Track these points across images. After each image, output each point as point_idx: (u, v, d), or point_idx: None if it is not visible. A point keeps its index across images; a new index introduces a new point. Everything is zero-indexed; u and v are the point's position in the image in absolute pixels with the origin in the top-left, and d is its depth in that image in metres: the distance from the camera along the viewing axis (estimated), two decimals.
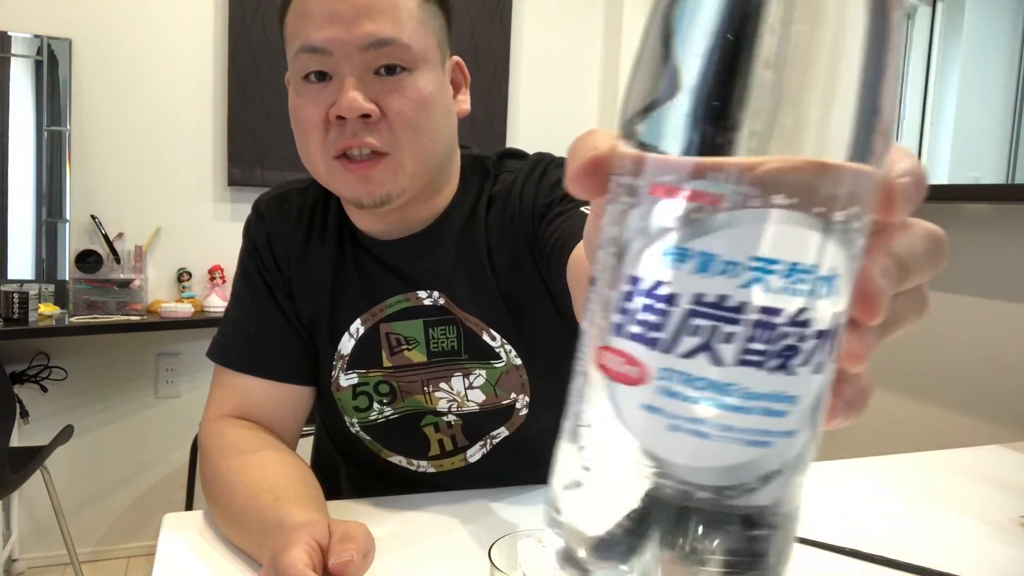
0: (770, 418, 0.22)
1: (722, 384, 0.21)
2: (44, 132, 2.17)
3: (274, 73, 2.36)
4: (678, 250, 0.21)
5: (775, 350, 0.21)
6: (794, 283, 0.21)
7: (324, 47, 0.69)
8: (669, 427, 0.21)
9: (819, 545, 0.71)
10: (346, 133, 0.70)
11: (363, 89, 0.70)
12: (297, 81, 0.73)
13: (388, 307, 0.82)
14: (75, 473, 2.29)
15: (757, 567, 0.23)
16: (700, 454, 0.22)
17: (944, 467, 1.00)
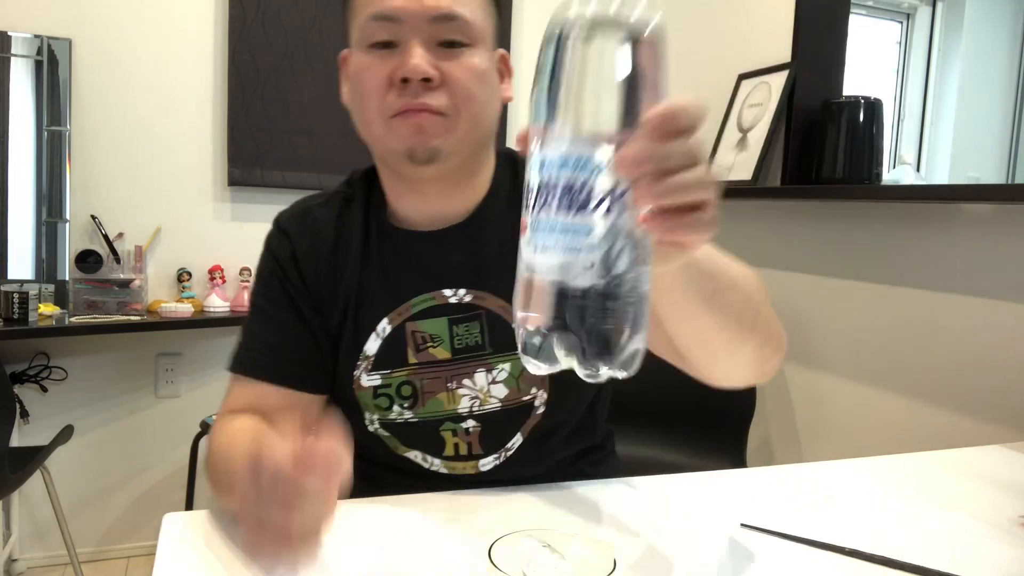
0: (579, 237, 0.41)
1: (553, 223, 0.42)
2: (44, 132, 2.17)
3: (274, 73, 2.36)
4: (536, 160, 0.43)
5: (575, 202, 0.41)
6: (583, 170, 0.41)
7: (395, 15, 0.75)
8: (538, 249, 0.43)
9: (819, 545, 0.71)
10: (407, 93, 0.75)
11: (428, 57, 0.75)
12: (362, 48, 0.78)
13: (413, 306, 0.85)
14: (75, 473, 2.29)
15: (608, 321, 0.42)
16: (552, 262, 0.42)
17: (944, 467, 1.00)
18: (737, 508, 0.81)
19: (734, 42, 2.30)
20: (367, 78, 0.77)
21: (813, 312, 1.94)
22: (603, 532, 0.73)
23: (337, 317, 0.86)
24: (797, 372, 2.00)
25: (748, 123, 2.15)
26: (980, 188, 1.56)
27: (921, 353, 1.65)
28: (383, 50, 0.76)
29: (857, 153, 1.85)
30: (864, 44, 3.18)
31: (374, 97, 0.77)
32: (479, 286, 0.84)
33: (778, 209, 2.07)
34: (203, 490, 2.43)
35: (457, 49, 0.77)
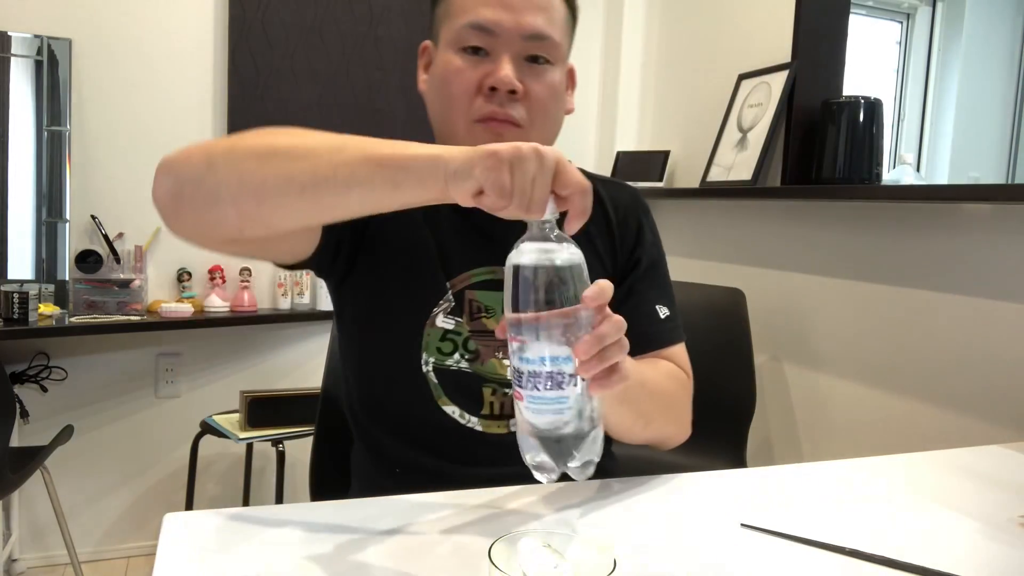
0: (559, 403, 0.61)
1: (543, 396, 0.61)
2: (44, 132, 2.17)
3: (274, 73, 2.36)
4: (521, 355, 0.61)
5: (552, 383, 0.60)
6: (556, 363, 0.60)
7: (493, 28, 0.82)
8: (533, 412, 0.62)
9: (819, 545, 0.71)
10: (493, 101, 0.83)
11: (515, 70, 0.83)
12: (454, 50, 0.85)
13: (473, 276, 0.91)
14: (75, 473, 2.29)
15: (582, 449, 0.63)
16: (544, 418, 0.62)
17: (944, 467, 1.00)
18: (737, 508, 0.81)
19: (734, 42, 2.30)
20: (457, 81, 0.84)
21: (813, 312, 1.94)
22: (603, 532, 0.73)
23: (424, 247, 0.90)
24: (797, 372, 2.00)
25: (748, 123, 2.15)
26: (980, 188, 1.56)
27: (921, 353, 1.65)
28: (474, 56, 0.84)
29: (857, 153, 1.85)
30: (864, 44, 3.19)
31: (462, 99, 0.84)
32: None
33: (778, 209, 2.07)
34: (203, 490, 2.43)
35: (540, 65, 0.85)
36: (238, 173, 0.67)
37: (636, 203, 1.01)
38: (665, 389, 0.90)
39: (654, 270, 0.99)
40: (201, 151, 0.69)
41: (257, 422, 2.09)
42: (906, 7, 3.23)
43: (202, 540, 0.68)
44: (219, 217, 0.69)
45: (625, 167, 2.61)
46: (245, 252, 0.84)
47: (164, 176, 0.70)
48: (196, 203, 0.70)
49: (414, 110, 2.52)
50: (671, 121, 2.62)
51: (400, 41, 2.50)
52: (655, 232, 1.02)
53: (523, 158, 0.60)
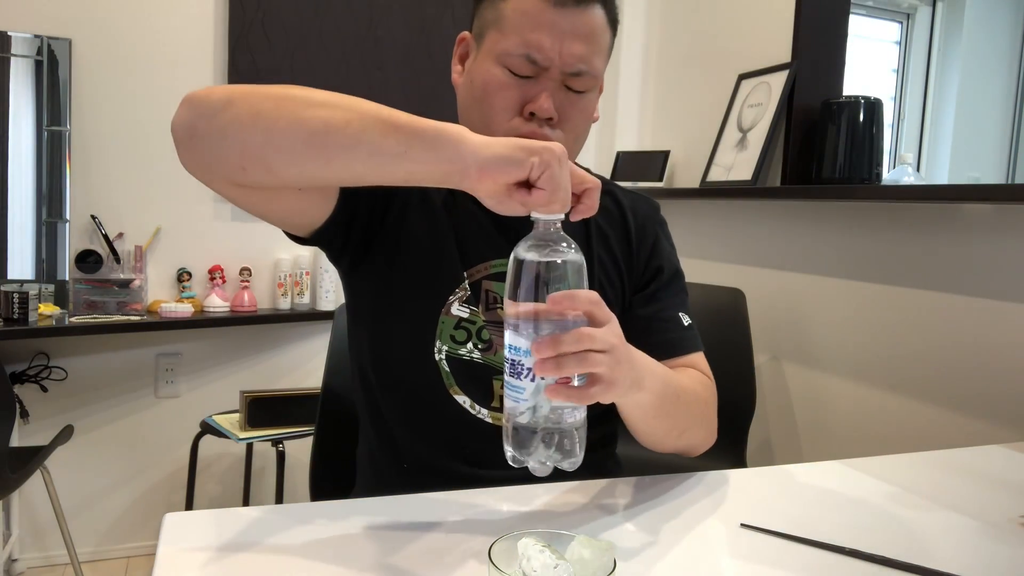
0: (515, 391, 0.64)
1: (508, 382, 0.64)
2: (44, 132, 2.17)
3: (274, 73, 2.36)
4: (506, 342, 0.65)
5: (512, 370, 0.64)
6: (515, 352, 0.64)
7: (543, 63, 0.85)
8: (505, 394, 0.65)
9: (819, 545, 0.71)
10: (532, 124, 0.86)
11: (555, 97, 0.86)
12: (498, 64, 0.87)
13: (492, 267, 0.93)
14: (75, 473, 2.29)
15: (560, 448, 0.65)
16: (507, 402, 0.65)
17: (944, 467, 1.00)
18: (737, 508, 0.81)
19: (734, 42, 2.30)
20: (499, 96, 0.87)
21: (813, 312, 1.94)
22: (603, 532, 0.73)
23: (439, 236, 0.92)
24: (797, 372, 2.00)
25: (748, 123, 2.15)
26: (980, 188, 1.56)
27: (921, 353, 1.65)
28: (519, 77, 0.86)
29: (857, 153, 1.85)
30: (864, 44, 3.19)
31: (502, 115, 0.87)
32: None
33: (778, 209, 2.07)
34: (203, 490, 2.43)
35: (578, 94, 0.88)
36: (252, 110, 0.69)
37: (654, 215, 1.05)
38: (699, 398, 0.92)
39: (676, 280, 1.02)
40: (223, 89, 0.71)
41: (257, 422, 2.09)
42: (906, 7, 3.23)
43: (202, 540, 0.68)
44: (225, 152, 0.71)
45: (625, 167, 2.61)
46: (253, 204, 0.80)
47: (184, 108, 0.73)
48: (207, 136, 0.71)
49: (414, 110, 2.52)
50: (671, 121, 2.62)
51: (400, 41, 2.50)
52: (672, 245, 1.05)
53: (563, 156, 0.65)
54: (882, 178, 1.89)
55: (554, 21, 0.84)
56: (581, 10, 0.85)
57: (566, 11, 0.84)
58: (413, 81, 2.51)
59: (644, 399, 0.77)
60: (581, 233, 0.98)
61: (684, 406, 0.87)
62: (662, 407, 0.81)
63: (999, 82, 3.27)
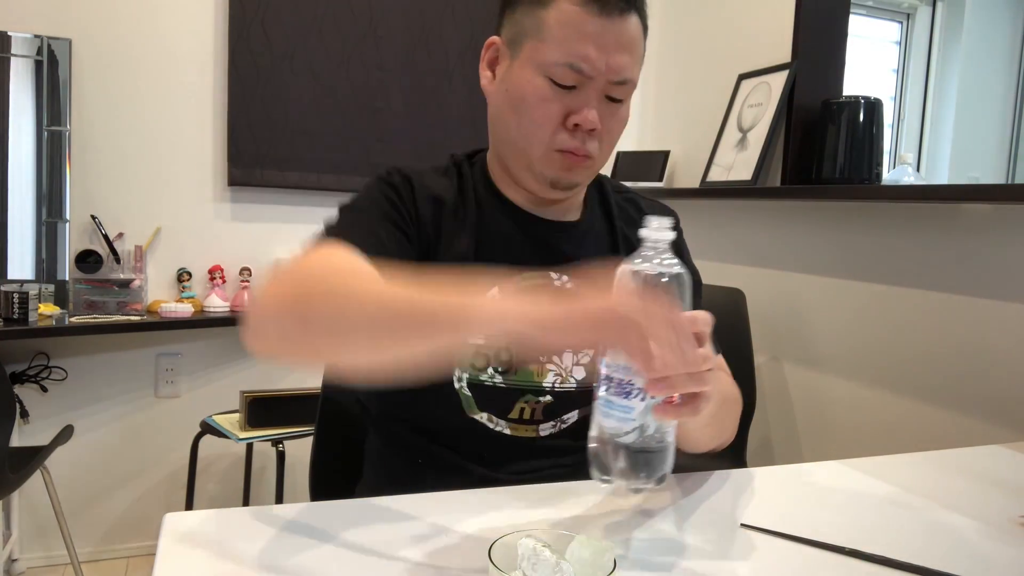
0: (624, 412, 0.63)
1: (611, 401, 0.64)
2: (44, 132, 2.17)
3: (274, 73, 2.36)
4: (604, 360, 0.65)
5: (621, 390, 0.63)
6: (628, 372, 0.62)
7: (588, 72, 0.84)
8: (602, 413, 0.65)
9: (819, 545, 0.71)
10: (576, 139, 0.87)
11: (598, 108, 0.86)
12: (541, 75, 0.86)
13: (524, 279, 0.92)
14: (75, 473, 2.29)
15: (653, 466, 0.65)
16: (608, 422, 0.64)
17: (944, 467, 1.00)
18: (737, 508, 0.81)
19: (734, 42, 2.30)
20: (542, 109, 0.86)
21: (813, 312, 1.94)
22: (603, 532, 0.73)
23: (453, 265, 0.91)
24: (797, 372, 2.00)
25: (748, 123, 2.15)
26: (980, 188, 1.56)
27: (921, 353, 1.65)
28: (563, 89, 0.85)
29: (857, 153, 1.85)
30: (864, 44, 3.19)
31: (545, 128, 0.87)
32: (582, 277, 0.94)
33: (778, 209, 2.07)
34: (203, 490, 2.43)
35: (617, 104, 0.88)
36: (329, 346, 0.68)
37: (676, 224, 1.04)
38: (735, 399, 0.96)
39: (698, 289, 1.02)
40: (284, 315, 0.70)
41: (257, 422, 2.09)
42: (906, 7, 3.23)
43: (202, 540, 0.68)
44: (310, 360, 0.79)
45: (625, 167, 2.61)
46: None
47: (255, 336, 0.72)
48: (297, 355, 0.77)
49: (414, 110, 2.52)
50: (671, 121, 2.62)
51: (400, 41, 2.50)
52: (688, 255, 1.07)
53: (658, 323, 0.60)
54: (882, 178, 1.89)
55: (599, 31, 0.84)
56: (623, 19, 0.84)
57: (611, 20, 0.84)
58: (413, 81, 2.51)
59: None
60: (607, 240, 0.99)
61: (728, 412, 0.89)
62: (716, 414, 0.82)
63: (999, 82, 3.27)
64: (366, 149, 2.50)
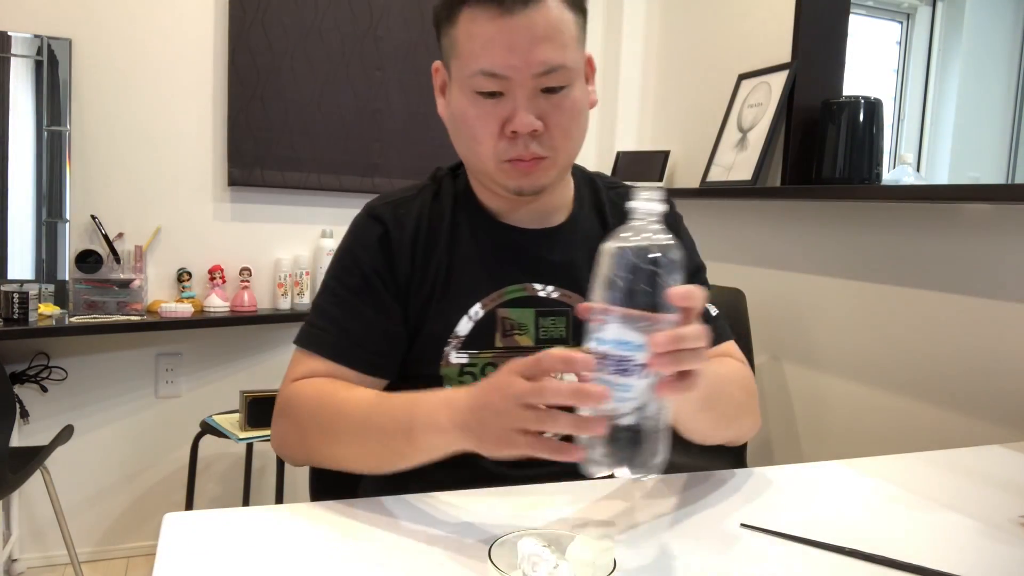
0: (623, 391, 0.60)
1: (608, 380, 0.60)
2: (44, 132, 2.17)
3: (274, 73, 2.36)
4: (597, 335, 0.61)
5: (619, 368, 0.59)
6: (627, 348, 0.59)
7: (504, 74, 0.81)
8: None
9: (819, 545, 0.71)
10: (518, 146, 0.84)
11: (532, 108, 0.83)
12: (468, 94, 0.84)
13: (507, 294, 0.92)
14: (75, 473, 2.29)
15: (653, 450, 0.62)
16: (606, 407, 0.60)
17: (944, 467, 1.00)
18: (737, 508, 0.81)
19: (734, 42, 2.30)
20: (479, 126, 0.84)
21: (813, 312, 1.94)
22: (603, 532, 0.73)
23: (422, 300, 0.91)
24: (797, 372, 2.00)
25: (748, 123, 2.15)
26: (980, 188, 1.56)
27: (921, 353, 1.65)
28: (491, 99, 0.83)
29: (857, 153, 1.85)
30: (864, 44, 3.19)
31: (487, 143, 0.85)
32: (569, 286, 0.93)
33: (778, 209, 2.07)
34: (203, 490, 2.43)
35: (558, 94, 0.83)
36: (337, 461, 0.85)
37: (670, 211, 1.02)
38: (742, 387, 0.92)
39: (699, 274, 1.03)
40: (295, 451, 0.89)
41: (257, 422, 2.09)
42: (906, 7, 3.23)
43: (202, 540, 0.68)
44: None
45: (625, 167, 2.61)
46: None
47: (280, 454, 0.93)
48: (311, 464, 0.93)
49: (414, 110, 2.52)
50: (671, 121, 2.62)
51: (400, 41, 2.50)
52: (691, 239, 1.05)
53: (520, 394, 0.65)
54: (882, 178, 1.89)
55: (504, 30, 0.80)
56: (531, 10, 0.80)
57: (514, 17, 0.80)
58: (413, 81, 2.51)
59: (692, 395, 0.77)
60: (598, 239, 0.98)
61: (727, 397, 0.87)
62: (707, 400, 0.78)
63: (999, 82, 3.27)
64: (366, 149, 2.50)
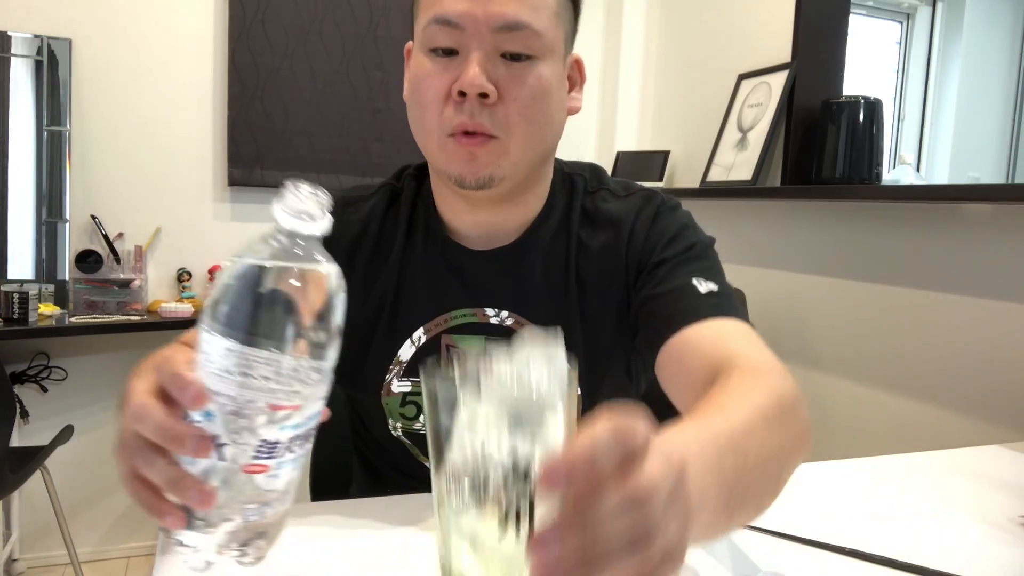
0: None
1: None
2: (44, 132, 2.17)
3: (274, 73, 2.36)
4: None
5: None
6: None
7: (457, 21, 0.70)
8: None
9: (819, 545, 0.71)
10: (463, 112, 0.71)
11: (487, 69, 0.71)
12: (423, 52, 0.74)
13: (453, 319, 0.82)
14: (75, 473, 2.29)
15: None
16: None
17: (944, 467, 1.00)
18: None
19: (734, 42, 2.30)
20: (426, 87, 0.73)
21: (813, 312, 1.94)
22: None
23: (369, 314, 0.82)
24: (797, 372, 2.00)
25: (748, 123, 2.15)
26: (980, 188, 1.56)
27: (921, 353, 1.65)
28: (444, 57, 0.72)
29: (857, 153, 1.85)
30: (864, 44, 3.19)
31: (432, 109, 0.73)
32: (522, 312, 0.82)
33: (778, 209, 2.07)
34: None
35: (521, 63, 0.72)
36: None
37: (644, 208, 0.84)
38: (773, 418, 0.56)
39: (688, 252, 0.80)
40: None
41: None
42: (906, 7, 3.23)
43: None
44: None
45: (625, 167, 2.61)
46: None
47: None
48: None
49: None
50: (671, 121, 2.62)
51: (400, 41, 2.49)
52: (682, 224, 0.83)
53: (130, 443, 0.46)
54: (882, 178, 1.89)
55: None
56: None
57: None
58: None
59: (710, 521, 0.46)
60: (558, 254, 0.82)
61: (757, 472, 0.51)
62: (728, 505, 0.47)
63: (999, 82, 3.27)
64: (366, 149, 2.50)
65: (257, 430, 0.44)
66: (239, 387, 0.43)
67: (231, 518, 0.46)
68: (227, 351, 0.43)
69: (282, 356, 0.44)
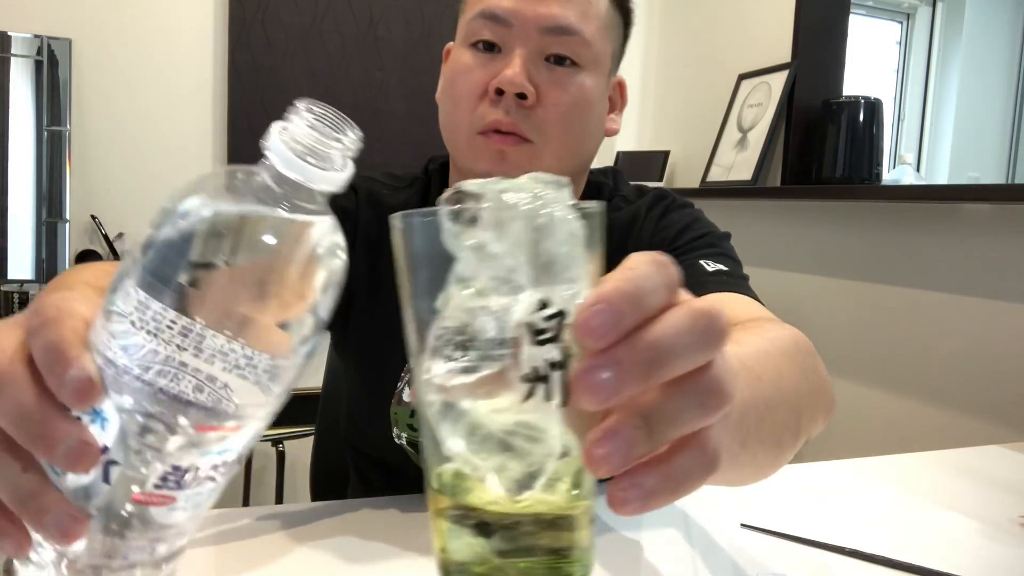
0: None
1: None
2: (44, 132, 2.17)
3: (274, 73, 2.36)
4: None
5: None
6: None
7: (505, 17, 0.68)
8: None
9: (819, 545, 0.71)
10: (499, 108, 0.69)
11: (529, 70, 0.68)
12: (465, 46, 0.72)
13: None
14: None
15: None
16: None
17: (944, 467, 1.00)
18: (737, 508, 0.81)
19: (734, 42, 2.30)
20: (463, 81, 0.71)
21: (813, 312, 1.94)
22: (602, 532, 0.73)
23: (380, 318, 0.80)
24: None
25: (748, 123, 2.15)
26: (980, 188, 1.56)
27: (921, 353, 1.65)
28: (486, 53, 0.70)
29: (857, 153, 1.85)
30: (864, 44, 3.19)
31: (466, 103, 0.71)
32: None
33: (778, 209, 2.07)
34: None
35: (564, 68, 0.70)
36: None
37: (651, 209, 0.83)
38: (800, 362, 0.53)
39: (698, 241, 0.79)
40: None
41: None
42: (906, 7, 3.23)
43: (202, 540, 0.68)
44: None
45: (625, 167, 2.61)
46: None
47: None
48: None
49: (414, 110, 2.52)
50: (671, 121, 2.62)
51: (400, 41, 2.50)
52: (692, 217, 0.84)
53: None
54: (882, 178, 1.89)
55: None
56: None
57: None
58: (413, 81, 2.51)
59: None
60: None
61: (781, 405, 0.46)
62: (742, 432, 0.40)
63: (999, 82, 3.27)
64: (366, 149, 2.48)
65: (169, 452, 0.31)
66: (153, 388, 0.29)
67: (103, 563, 0.32)
68: (151, 322, 0.29)
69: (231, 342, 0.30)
